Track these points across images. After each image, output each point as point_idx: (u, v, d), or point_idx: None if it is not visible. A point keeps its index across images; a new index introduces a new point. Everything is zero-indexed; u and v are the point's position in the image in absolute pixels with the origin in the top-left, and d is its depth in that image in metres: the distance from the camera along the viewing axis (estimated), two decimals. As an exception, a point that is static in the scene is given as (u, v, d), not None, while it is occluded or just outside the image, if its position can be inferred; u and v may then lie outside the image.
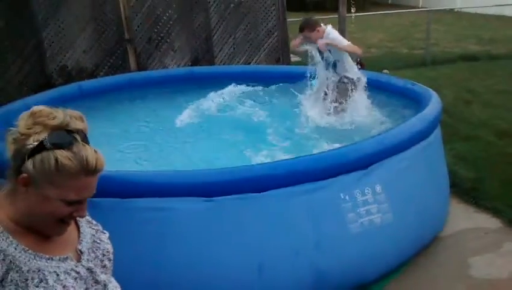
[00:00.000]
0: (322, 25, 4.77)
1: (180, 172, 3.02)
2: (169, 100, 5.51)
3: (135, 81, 5.81)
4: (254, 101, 5.32)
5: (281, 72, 6.33)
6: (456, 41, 11.86)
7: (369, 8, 17.62)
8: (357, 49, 4.70)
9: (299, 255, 2.79)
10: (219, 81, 5.60)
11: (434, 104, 3.92)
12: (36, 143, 1.10)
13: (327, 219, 2.85)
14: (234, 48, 7.45)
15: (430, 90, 4.42)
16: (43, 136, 1.11)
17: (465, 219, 3.91)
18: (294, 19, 9.72)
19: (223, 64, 7.37)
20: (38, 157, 1.10)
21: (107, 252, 1.35)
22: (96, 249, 1.33)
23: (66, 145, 1.12)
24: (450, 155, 4.74)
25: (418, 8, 18.31)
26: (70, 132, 1.13)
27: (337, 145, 3.56)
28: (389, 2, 22.53)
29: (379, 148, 3.07)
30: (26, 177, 1.12)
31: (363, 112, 4.88)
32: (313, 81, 5.29)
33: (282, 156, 3.72)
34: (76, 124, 1.16)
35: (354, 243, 2.87)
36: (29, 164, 1.11)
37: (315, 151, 3.44)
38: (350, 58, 4.86)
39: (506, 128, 5.76)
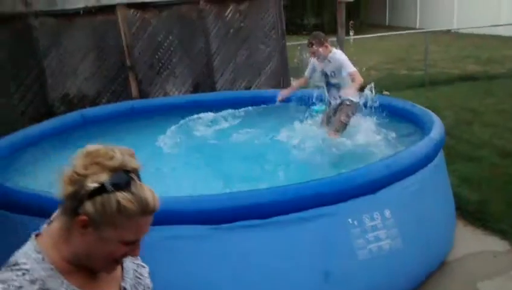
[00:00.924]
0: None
1: (183, 198, 3.00)
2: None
3: (136, 109, 5.82)
4: (250, 126, 5.36)
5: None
6: (454, 62, 11.96)
7: (367, 30, 17.82)
8: (359, 80, 4.70)
9: (306, 283, 2.75)
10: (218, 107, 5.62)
11: (437, 128, 3.93)
12: (96, 185, 1.09)
13: (336, 245, 2.82)
14: (235, 73, 7.50)
15: (432, 113, 4.44)
16: (103, 177, 1.09)
17: (472, 241, 3.87)
18: (294, 42, 9.83)
19: (224, 89, 7.41)
20: (99, 199, 1.09)
21: (148, 288, 1.36)
22: (138, 285, 1.33)
23: (126, 187, 1.10)
24: (454, 177, 4.72)
25: (415, 29, 18.55)
26: (127, 171, 1.12)
27: (343, 170, 3.55)
28: (387, 24, 22.81)
29: (387, 173, 3.05)
30: (86, 219, 1.10)
31: (366, 135, 4.88)
32: (315, 108, 5.32)
33: (279, 182, 3.70)
34: (131, 163, 1.14)
35: (363, 270, 2.83)
36: (89, 206, 1.09)
37: (322, 176, 3.43)
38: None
39: (509, 148, 5.76)
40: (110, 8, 6.70)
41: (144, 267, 1.38)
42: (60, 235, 1.16)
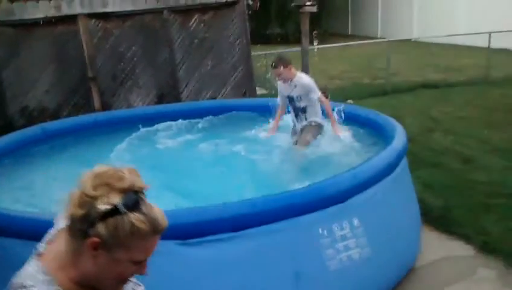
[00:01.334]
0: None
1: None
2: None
3: (99, 122, 5.69)
4: (215, 136, 5.33)
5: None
6: (415, 70, 12.27)
7: (330, 40, 18.08)
8: (326, 103, 4.87)
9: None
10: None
11: (400, 136, 4.00)
12: (109, 207, 1.07)
13: (307, 256, 2.81)
14: (200, 83, 7.45)
15: (395, 121, 4.52)
16: (114, 199, 1.07)
17: (438, 247, 3.94)
18: (259, 52, 9.88)
19: (189, 99, 7.34)
20: (111, 221, 1.07)
21: None
22: None
23: (137, 208, 1.10)
24: (418, 183, 4.80)
25: (377, 38, 18.98)
26: (136, 192, 1.11)
27: (310, 179, 3.54)
28: (349, 33, 23.25)
29: (354, 182, 3.07)
30: (98, 242, 1.08)
31: (331, 144, 4.93)
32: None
33: (247, 194, 3.66)
34: (139, 183, 1.13)
35: (334, 280, 2.83)
36: (101, 228, 1.07)
37: (289, 187, 3.43)
38: (319, 105, 4.94)
39: (469, 154, 5.93)
40: (71, 18, 6.55)
41: (139, 285, 1.36)
42: (67, 256, 1.14)
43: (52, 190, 4.01)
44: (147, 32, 7.02)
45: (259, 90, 8.56)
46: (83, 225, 1.08)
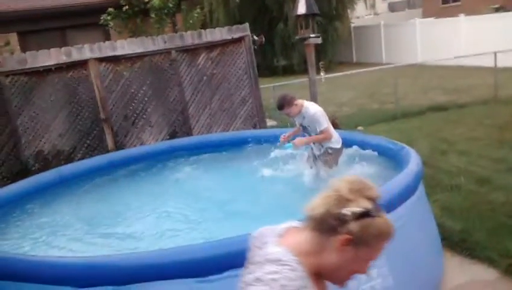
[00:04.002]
0: (298, 99, 4.84)
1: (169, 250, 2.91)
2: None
3: (114, 162, 5.75)
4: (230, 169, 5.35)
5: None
6: (423, 94, 12.29)
7: (336, 68, 18.30)
8: (328, 138, 4.78)
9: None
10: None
11: (415, 159, 3.98)
12: (362, 209, 1.24)
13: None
14: (210, 118, 7.54)
15: (407, 146, 4.51)
16: (365, 203, 1.25)
17: (461, 272, 3.86)
18: (266, 85, 10.00)
19: (201, 134, 7.42)
20: (363, 222, 1.24)
21: None
22: None
23: (380, 214, 1.28)
24: (436, 207, 4.76)
25: (382, 64, 19.13)
26: (374, 201, 1.28)
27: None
28: (354, 61, 23.47)
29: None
30: (350, 239, 1.25)
31: (344, 172, 4.91)
32: (286, 145, 5.38)
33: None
34: (379, 193, 1.31)
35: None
36: (354, 226, 1.24)
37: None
38: (332, 128, 4.90)
39: (485, 175, 5.85)
40: (82, 63, 6.72)
41: None
42: (310, 246, 1.31)
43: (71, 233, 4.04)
44: (156, 72, 7.17)
45: (270, 122, 8.61)
46: (334, 223, 1.26)
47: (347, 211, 1.25)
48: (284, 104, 4.78)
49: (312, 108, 4.81)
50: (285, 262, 1.25)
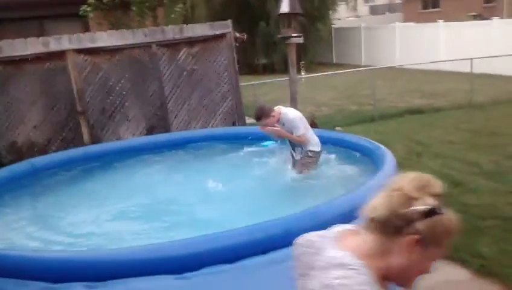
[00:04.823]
0: (274, 108, 4.80)
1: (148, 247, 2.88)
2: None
3: (89, 155, 5.67)
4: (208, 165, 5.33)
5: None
6: (400, 96, 12.47)
7: (316, 69, 18.40)
8: (304, 142, 4.79)
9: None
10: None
11: (390, 160, 4.05)
12: (428, 207, 1.19)
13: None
14: (189, 114, 7.49)
15: (382, 146, 4.57)
16: (430, 201, 1.20)
17: (434, 272, 3.92)
18: (246, 83, 9.99)
19: (179, 130, 7.36)
20: (430, 220, 1.19)
21: None
22: None
23: (445, 210, 1.22)
24: (410, 208, 4.82)
25: (361, 66, 19.34)
26: (438, 197, 1.23)
27: (303, 205, 3.53)
28: (334, 61, 23.66)
29: (352, 206, 3.05)
30: (418, 239, 1.20)
31: (322, 171, 4.95)
32: (264, 143, 5.38)
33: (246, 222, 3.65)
34: (441, 188, 1.25)
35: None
36: (422, 226, 1.19)
37: (283, 212, 3.40)
38: (311, 131, 4.91)
39: (458, 177, 5.98)
40: (59, 54, 6.59)
41: None
42: (373, 249, 1.26)
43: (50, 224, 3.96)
44: (136, 66, 7.08)
45: (249, 120, 8.60)
46: (400, 223, 1.21)
47: (414, 210, 1.19)
48: (261, 115, 4.75)
49: (290, 114, 4.79)
50: (353, 266, 1.21)
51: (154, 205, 4.56)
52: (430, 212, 1.19)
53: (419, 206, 1.19)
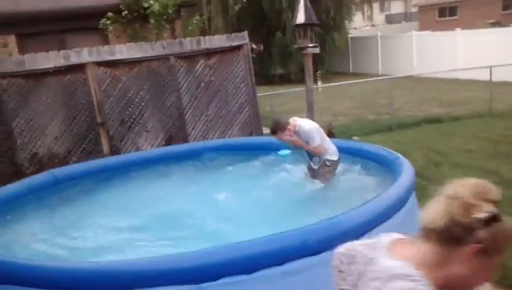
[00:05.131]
0: (289, 121, 4.81)
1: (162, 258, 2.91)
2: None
3: (109, 166, 5.75)
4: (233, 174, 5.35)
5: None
6: (418, 105, 12.38)
7: (332, 78, 18.38)
8: (321, 152, 4.78)
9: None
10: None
11: (408, 170, 4.03)
12: (489, 215, 1.15)
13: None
14: (207, 125, 7.56)
15: (400, 155, 4.54)
16: (490, 207, 1.16)
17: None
18: (263, 93, 10.04)
19: (197, 140, 7.43)
20: (492, 228, 1.16)
21: None
22: None
23: (503, 217, 1.19)
24: (430, 218, 4.77)
25: (378, 75, 19.25)
26: (496, 203, 1.20)
27: (321, 216, 3.53)
28: (350, 71, 23.60)
29: (370, 217, 3.06)
30: (480, 248, 1.16)
31: (339, 180, 4.95)
32: (281, 153, 5.39)
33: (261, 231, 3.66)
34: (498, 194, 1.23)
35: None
36: (483, 234, 1.16)
37: (301, 223, 3.40)
38: (328, 140, 4.91)
39: (479, 187, 5.89)
40: (80, 67, 6.72)
41: None
42: (432, 260, 1.22)
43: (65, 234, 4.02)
44: (154, 78, 7.18)
45: (266, 130, 8.63)
46: (460, 232, 1.17)
47: (475, 218, 1.15)
48: (277, 130, 4.76)
49: (306, 125, 4.79)
50: (414, 277, 1.17)
51: (170, 215, 4.59)
52: (491, 220, 1.15)
53: (480, 214, 1.15)
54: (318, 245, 2.80)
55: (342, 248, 1.40)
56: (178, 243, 3.85)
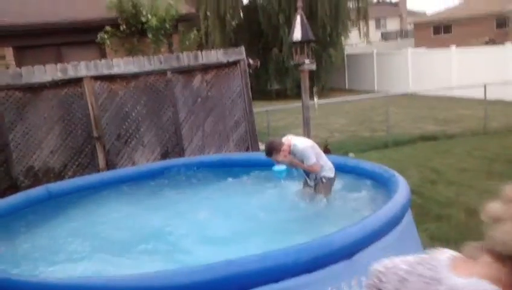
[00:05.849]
0: (283, 141, 4.80)
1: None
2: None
3: (105, 181, 5.72)
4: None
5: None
6: (414, 123, 12.46)
7: (328, 94, 18.50)
8: (316, 170, 4.78)
9: None
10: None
11: (403, 188, 4.03)
12: None
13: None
14: (203, 140, 7.56)
15: (396, 173, 4.55)
16: None
17: None
18: (259, 109, 10.07)
19: (193, 155, 7.42)
20: None
21: None
22: None
23: None
24: (425, 236, 4.78)
25: (374, 91, 19.38)
26: None
27: (314, 234, 3.52)
28: (346, 87, 23.75)
29: (363, 235, 3.06)
30: None
31: (334, 198, 4.94)
32: (275, 168, 5.39)
33: (254, 248, 3.63)
34: None
35: None
36: None
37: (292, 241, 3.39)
38: (324, 157, 4.91)
39: (474, 205, 5.90)
40: (77, 81, 6.73)
41: None
42: (506, 279, 1.15)
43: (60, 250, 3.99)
44: (151, 92, 7.19)
45: (262, 146, 8.64)
46: None
47: None
48: (272, 151, 4.74)
49: (300, 144, 4.78)
50: None
51: (154, 232, 4.54)
52: None
53: None
54: (311, 263, 2.79)
55: (381, 266, 1.31)
56: (165, 259, 3.82)
